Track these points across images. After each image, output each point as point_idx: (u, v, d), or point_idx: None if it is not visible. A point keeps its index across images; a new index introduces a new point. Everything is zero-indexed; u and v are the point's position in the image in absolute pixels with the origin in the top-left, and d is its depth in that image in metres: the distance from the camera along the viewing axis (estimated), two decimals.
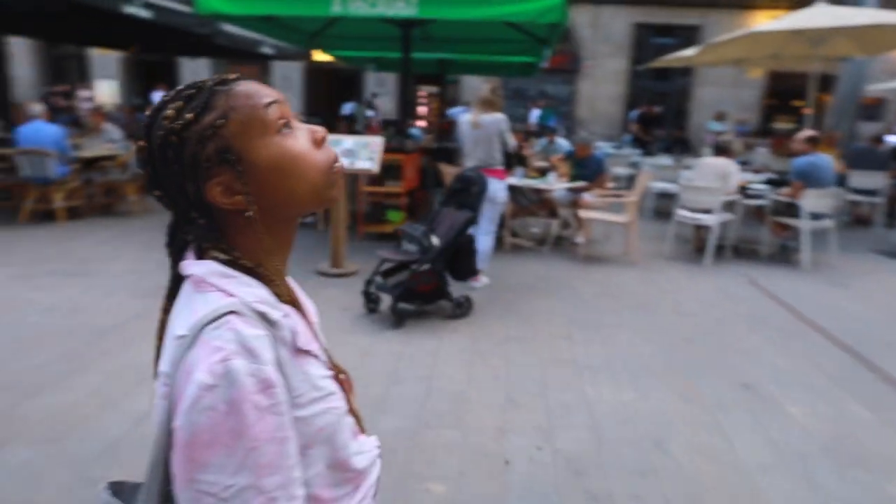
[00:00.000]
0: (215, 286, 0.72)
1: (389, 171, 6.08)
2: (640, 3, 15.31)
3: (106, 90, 17.45)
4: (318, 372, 0.77)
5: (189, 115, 0.71)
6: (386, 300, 4.27)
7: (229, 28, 8.35)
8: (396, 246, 4.53)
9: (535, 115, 13.45)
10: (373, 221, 6.53)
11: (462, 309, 4.35)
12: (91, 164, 7.29)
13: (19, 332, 3.78)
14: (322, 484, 0.78)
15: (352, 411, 0.86)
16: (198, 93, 0.73)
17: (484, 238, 5.01)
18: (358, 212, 6.45)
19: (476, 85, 9.40)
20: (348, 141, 5.20)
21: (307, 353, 0.76)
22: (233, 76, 0.77)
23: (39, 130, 6.55)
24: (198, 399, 0.63)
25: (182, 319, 0.71)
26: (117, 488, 0.81)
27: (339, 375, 0.85)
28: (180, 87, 0.75)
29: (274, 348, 0.69)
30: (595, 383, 3.41)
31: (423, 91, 16.37)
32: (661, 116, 14.93)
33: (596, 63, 15.82)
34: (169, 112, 0.71)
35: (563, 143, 8.02)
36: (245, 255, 0.76)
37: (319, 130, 0.78)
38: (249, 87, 0.75)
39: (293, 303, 0.80)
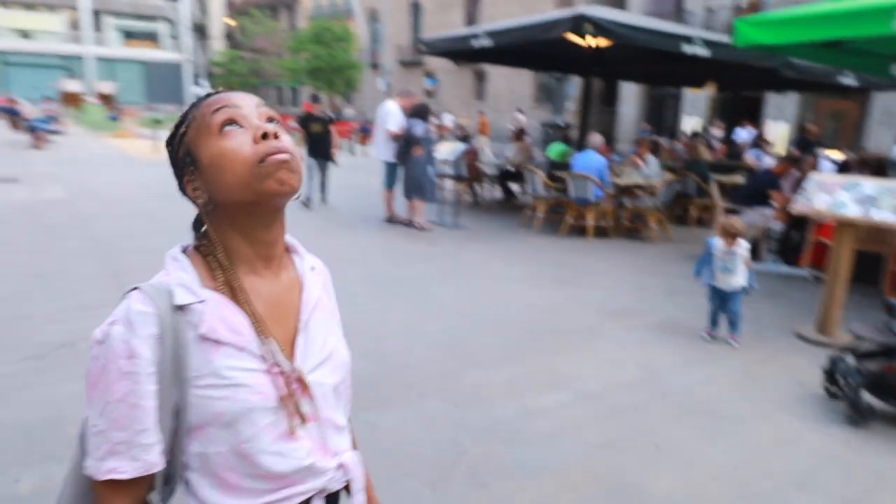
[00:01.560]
0: (165, 267, 0.87)
1: None
2: None
3: (692, 123, 18.46)
4: (228, 362, 0.82)
5: (173, 128, 0.90)
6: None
7: (798, 60, 7.75)
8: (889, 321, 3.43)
9: None
10: None
11: None
12: (626, 190, 8.06)
13: (495, 316, 4.66)
14: (226, 466, 0.84)
15: (296, 414, 0.86)
16: (189, 108, 0.90)
17: None
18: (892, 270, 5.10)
19: None
20: (868, 185, 4.17)
21: (214, 341, 0.82)
22: (218, 90, 0.91)
23: (590, 159, 7.68)
24: (91, 349, 0.81)
25: None
26: None
27: (285, 376, 0.85)
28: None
29: (158, 325, 0.79)
30: None
31: None
32: None
33: None
34: (174, 125, 0.91)
35: None
36: (215, 242, 0.87)
37: (262, 128, 0.83)
38: (213, 98, 0.88)
39: (233, 292, 0.86)
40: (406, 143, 7.73)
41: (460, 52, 10.16)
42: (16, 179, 10.24)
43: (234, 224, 0.87)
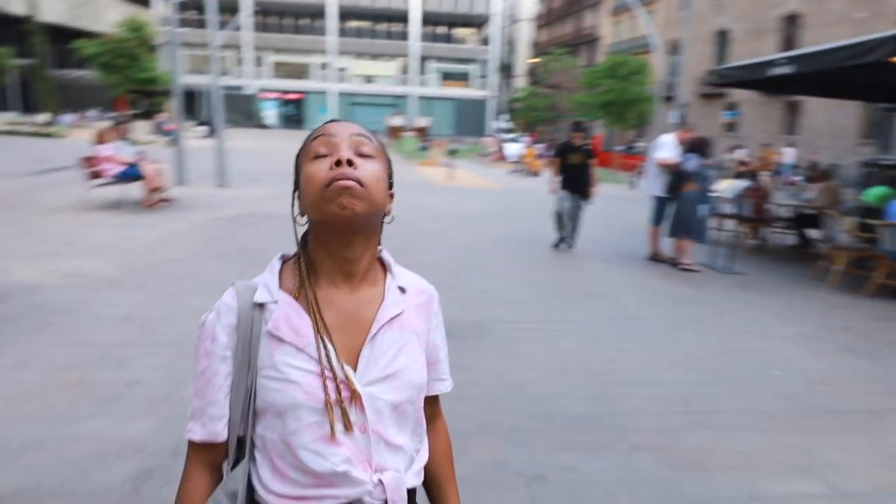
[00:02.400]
0: (267, 268, 1.02)
1: None
2: None
3: None
4: (287, 359, 0.92)
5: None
6: None
7: None
8: None
9: None
10: None
11: None
12: None
13: (747, 377, 4.05)
14: (276, 453, 0.94)
15: (342, 419, 0.91)
16: (309, 134, 1.01)
17: None
18: None
19: None
20: None
21: (278, 338, 0.93)
22: (334, 119, 1.02)
23: None
24: (197, 328, 0.99)
25: None
26: None
27: (335, 380, 0.91)
28: None
29: (237, 317, 0.94)
30: None
31: None
32: None
33: None
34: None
35: None
36: (304, 253, 1.00)
37: (338, 155, 0.91)
38: (322, 126, 0.99)
39: (304, 299, 0.96)
40: (677, 178, 7.26)
41: (754, 82, 9.18)
42: None
43: (318, 239, 0.97)
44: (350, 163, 0.90)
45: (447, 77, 54.07)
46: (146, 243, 6.84)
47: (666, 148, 7.52)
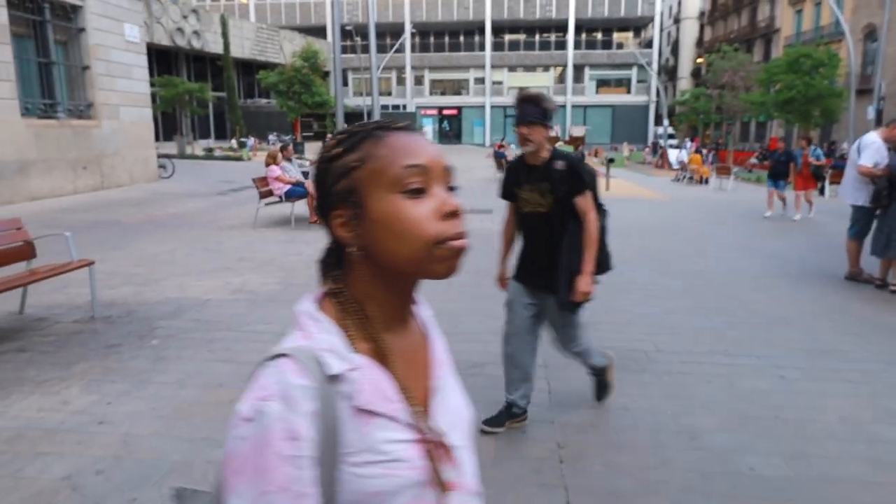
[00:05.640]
0: (301, 326, 0.76)
1: None
2: None
3: None
4: (386, 435, 0.73)
5: (337, 150, 0.78)
6: None
7: None
8: None
9: None
10: None
11: None
12: None
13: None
14: None
15: (440, 485, 0.77)
16: (358, 132, 0.78)
17: None
18: None
19: None
20: None
21: (369, 412, 0.72)
22: (398, 125, 0.79)
23: None
24: (235, 426, 0.69)
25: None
26: (181, 493, 0.86)
27: (432, 444, 0.77)
28: (364, 122, 0.81)
29: (318, 400, 0.69)
30: None
31: None
32: None
33: None
34: (331, 142, 0.79)
35: None
36: (353, 289, 0.78)
37: (451, 204, 0.75)
38: (401, 141, 0.77)
39: (382, 356, 0.76)
40: (890, 185, 6.09)
41: None
42: (490, 210, 12.18)
43: (380, 276, 0.78)
44: (459, 213, 0.76)
45: (604, 84, 52.42)
46: (306, 259, 7.13)
47: (870, 149, 6.36)
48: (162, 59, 34.52)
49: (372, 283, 0.78)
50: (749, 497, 2.61)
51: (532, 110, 2.79)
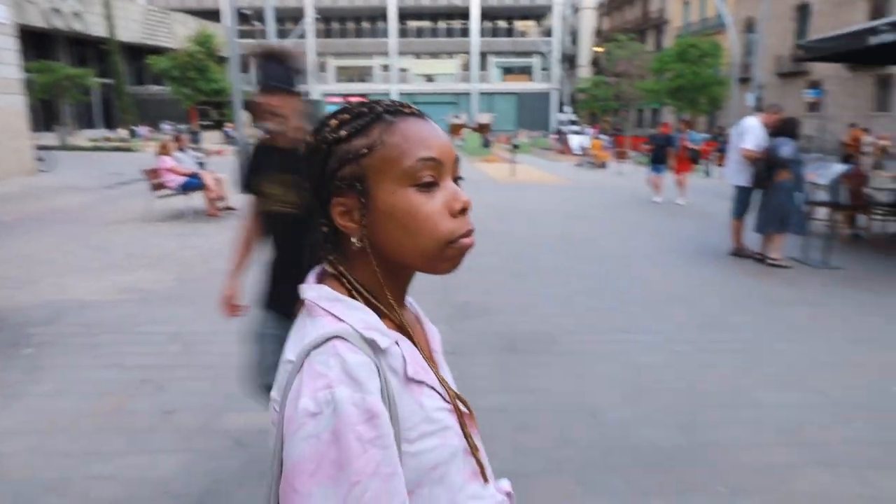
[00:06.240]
0: (326, 310, 0.71)
1: None
2: None
3: None
4: (433, 403, 0.73)
5: (343, 132, 0.72)
6: None
7: None
8: None
9: None
10: None
11: None
12: None
13: (863, 397, 3.44)
14: None
15: (472, 450, 0.78)
16: (365, 114, 0.73)
17: None
18: None
19: None
20: None
21: (420, 382, 0.72)
22: (408, 109, 0.74)
23: None
24: (301, 426, 0.63)
25: (292, 344, 0.71)
26: None
27: (460, 409, 0.78)
28: (364, 101, 0.76)
29: (380, 377, 0.66)
30: None
31: None
32: None
33: None
34: (333, 122, 0.74)
35: None
36: (356, 272, 0.75)
37: (461, 201, 0.73)
38: (414, 129, 0.72)
39: (405, 331, 0.75)
40: (767, 167, 6.54)
41: (852, 54, 8.26)
42: None
43: (385, 265, 0.75)
44: (468, 208, 0.74)
45: (508, 71, 53.35)
46: (203, 254, 6.76)
47: (751, 133, 6.80)
48: (38, 43, 31.60)
49: (373, 269, 0.74)
50: (646, 467, 2.71)
51: (277, 72, 2.00)
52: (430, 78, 53.49)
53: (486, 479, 0.79)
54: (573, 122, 41.00)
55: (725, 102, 28.37)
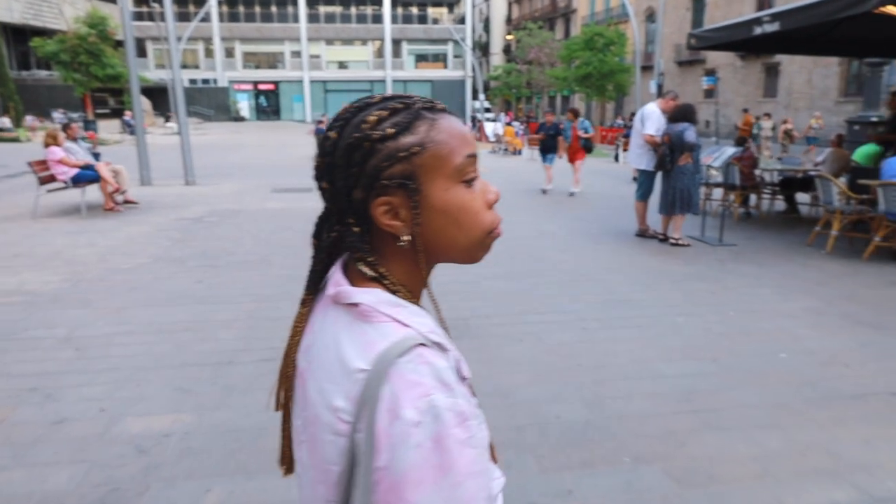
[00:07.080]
0: (388, 316, 0.70)
1: None
2: None
3: None
4: (473, 399, 0.73)
5: (389, 129, 0.70)
6: None
7: None
8: None
9: None
10: None
11: None
12: None
13: (754, 363, 3.70)
14: None
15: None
16: (404, 109, 0.72)
17: None
18: None
19: None
20: None
21: (466, 379, 0.74)
22: (440, 105, 0.75)
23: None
24: (406, 436, 0.62)
25: (354, 350, 0.68)
26: None
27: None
28: (388, 96, 0.75)
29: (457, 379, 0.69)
30: None
31: None
32: None
33: None
34: (371, 117, 0.71)
35: None
36: (395, 274, 0.75)
37: (493, 193, 0.78)
38: (455, 126, 0.74)
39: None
40: (670, 151, 6.86)
41: (739, 43, 8.78)
42: (311, 189, 11.84)
43: (421, 262, 0.76)
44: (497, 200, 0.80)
45: (422, 59, 53.24)
46: (99, 251, 6.35)
47: (652, 119, 7.11)
48: None
49: (410, 267, 0.76)
50: (555, 443, 2.80)
51: None
52: (343, 65, 52.54)
53: (495, 460, 0.82)
54: (487, 110, 41.50)
55: (631, 89, 29.60)
